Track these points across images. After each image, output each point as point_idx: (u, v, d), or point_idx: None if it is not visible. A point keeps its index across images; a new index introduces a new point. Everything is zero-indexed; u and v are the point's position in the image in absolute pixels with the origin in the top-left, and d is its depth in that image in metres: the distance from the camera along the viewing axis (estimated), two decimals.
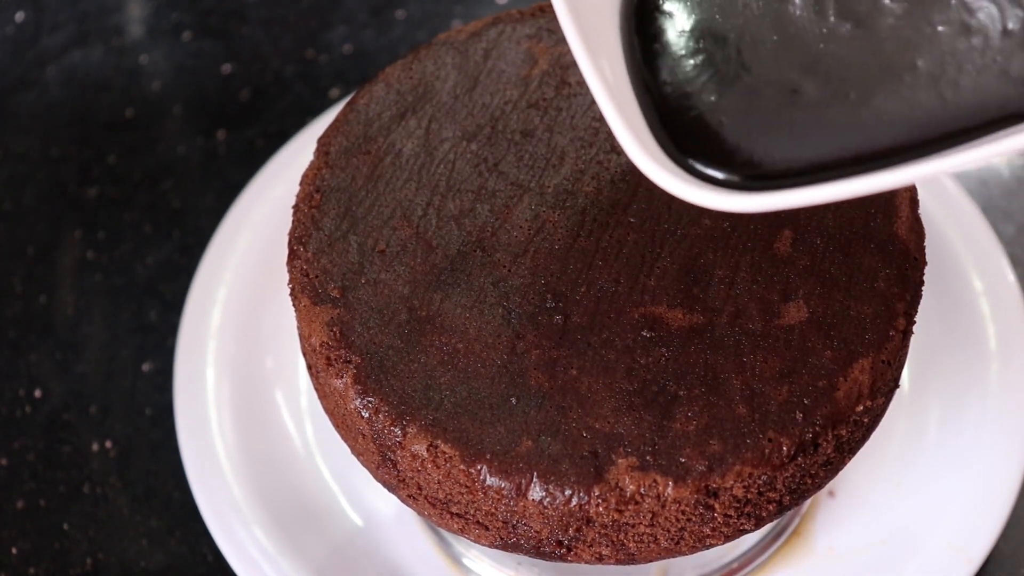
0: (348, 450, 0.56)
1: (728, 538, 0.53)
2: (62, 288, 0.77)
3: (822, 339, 0.52)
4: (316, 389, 0.56)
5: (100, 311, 0.76)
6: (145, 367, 0.74)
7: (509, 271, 0.54)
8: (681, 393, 0.51)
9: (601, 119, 0.58)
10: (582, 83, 0.59)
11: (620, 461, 0.50)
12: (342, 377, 0.52)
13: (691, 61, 0.49)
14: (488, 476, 0.50)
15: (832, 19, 0.48)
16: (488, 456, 0.50)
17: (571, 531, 0.51)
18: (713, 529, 0.52)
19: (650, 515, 0.50)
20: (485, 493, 0.51)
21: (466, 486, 0.51)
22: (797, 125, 0.46)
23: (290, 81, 0.85)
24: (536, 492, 0.50)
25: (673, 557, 0.53)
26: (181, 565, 0.69)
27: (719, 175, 0.46)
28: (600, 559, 0.52)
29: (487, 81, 0.59)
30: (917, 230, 0.56)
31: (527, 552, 0.53)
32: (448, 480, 0.51)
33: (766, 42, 0.48)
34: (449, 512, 0.53)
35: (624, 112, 0.46)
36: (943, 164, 0.43)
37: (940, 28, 0.47)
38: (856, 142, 0.46)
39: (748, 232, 0.55)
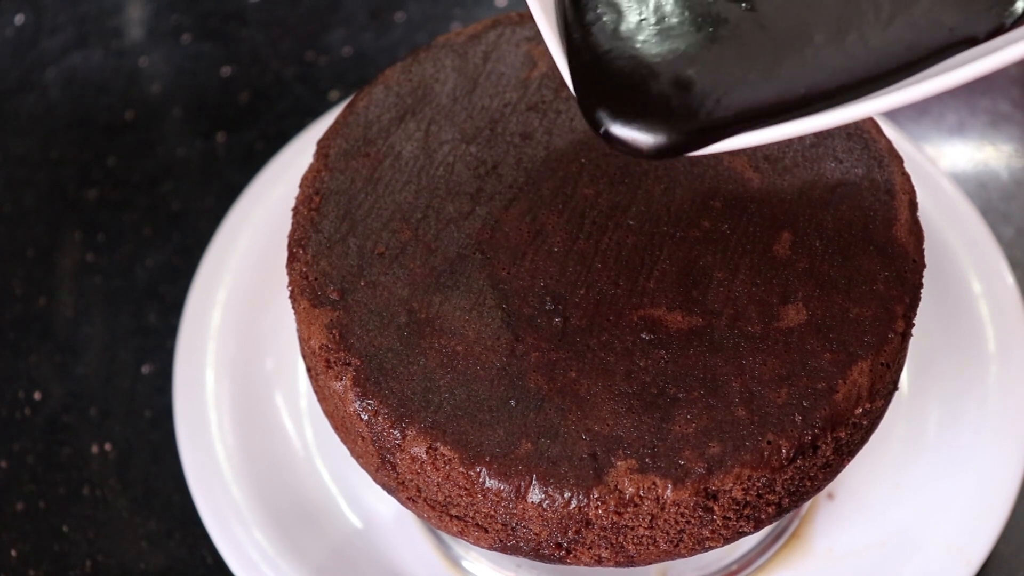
0: (347, 452, 0.56)
1: (727, 540, 0.53)
2: (62, 290, 0.77)
3: (821, 341, 0.52)
4: (315, 391, 0.56)
5: (100, 313, 0.76)
6: (145, 369, 0.74)
7: (508, 273, 0.54)
8: (680, 395, 0.51)
9: None
10: None
11: (619, 463, 0.50)
12: (341, 379, 0.52)
13: (599, 35, 0.49)
14: (487, 478, 0.50)
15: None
16: (487, 458, 0.50)
17: (570, 533, 0.51)
18: (712, 531, 0.52)
19: (649, 517, 0.50)
20: (484, 495, 0.51)
21: (465, 488, 0.51)
22: (699, 106, 0.47)
23: (289, 83, 0.85)
24: (535, 494, 0.50)
25: (672, 559, 0.53)
26: (180, 567, 0.69)
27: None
28: (599, 561, 0.52)
29: (486, 84, 0.59)
30: (916, 232, 0.56)
31: (526, 554, 0.53)
32: (447, 482, 0.51)
33: (652, 25, 0.49)
34: (448, 514, 0.53)
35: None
36: (872, 105, 0.45)
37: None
38: (779, 99, 0.47)
39: (747, 234, 0.55)
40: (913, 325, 0.54)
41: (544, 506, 0.50)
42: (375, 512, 0.67)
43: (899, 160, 0.58)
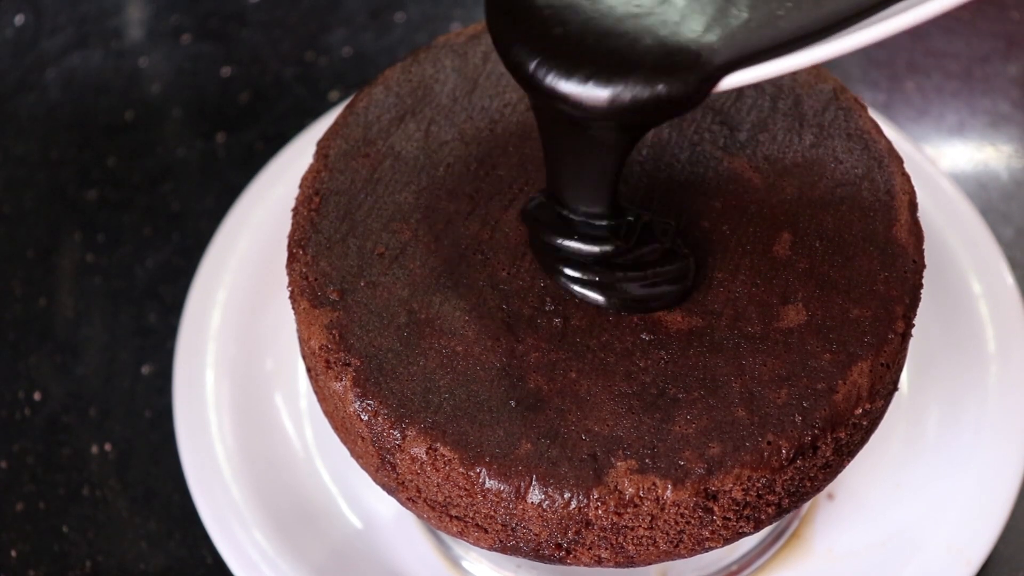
0: (347, 453, 0.56)
1: (727, 541, 0.53)
2: (62, 291, 0.77)
3: (821, 342, 0.52)
4: (315, 392, 0.56)
5: (100, 313, 0.76)
6: (144, 369, 0.74)
7: (508, 274, 0.54)
8: (680, 396, 0.51)
9: None
10: None
11: (619, 464, 0.50)
12: (341, 380, 0.52)
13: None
14: (487, 479, 0.50)
15: None
16: (487, 459, 0.50)
17: (570, 534, 0.51)
18: (712, 532, 0.52)
19: (649, 518, 0.50)
20: (484, 496, 0.51)
21: (465, 489, 0.51)
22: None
23: (289, 84, 0.85)
24: (535, 495, 0.50)
25: (672, 560, 0.53)
26: (180, 567, 0.69)
27: None
28: (599, 562, 0.52)
29: (486, 84, 0.59)
30: (916, 233, 0.56)
31: (526, 555, 0.53)
32: (447, 483, 0.51)
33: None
34: (448, 515, 0.53)
35: None
36: (833, 47, 0.44)
37: None
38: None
39: (747, 235, 0.55)
40: (913, 325, 0.54)
41: (544, 506, 0.50)
42: (375, 512, 0.67)
43: (899, 160, 0.58)
